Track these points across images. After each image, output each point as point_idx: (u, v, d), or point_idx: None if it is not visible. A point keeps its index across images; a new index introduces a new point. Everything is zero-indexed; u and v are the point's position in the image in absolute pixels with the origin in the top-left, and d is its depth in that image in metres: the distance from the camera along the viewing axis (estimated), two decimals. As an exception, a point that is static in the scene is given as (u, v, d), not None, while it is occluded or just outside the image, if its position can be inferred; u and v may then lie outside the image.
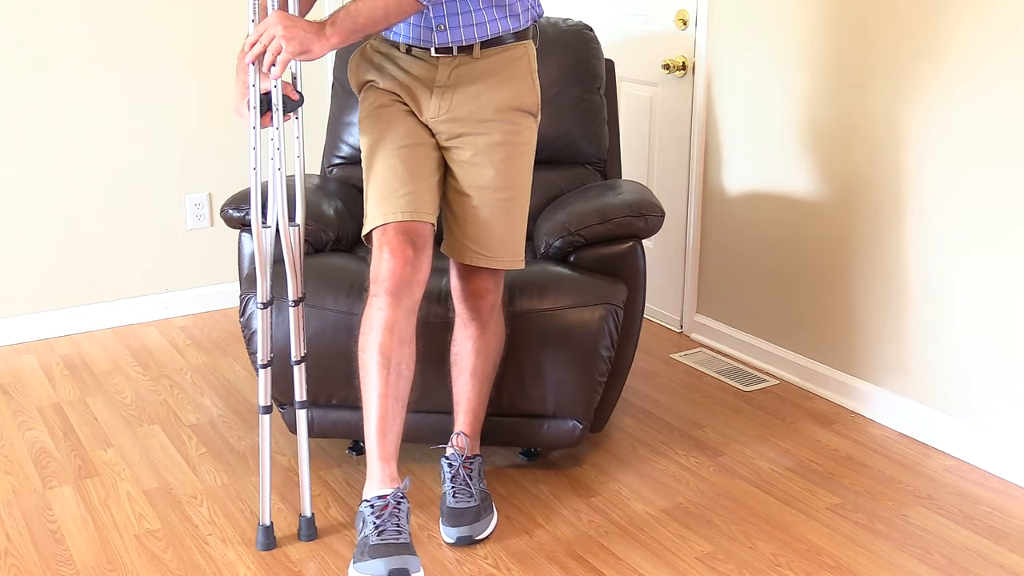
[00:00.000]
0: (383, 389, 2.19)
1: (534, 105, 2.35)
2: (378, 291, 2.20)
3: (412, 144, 2.28)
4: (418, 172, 2.27)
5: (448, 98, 2.29)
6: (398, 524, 2.15)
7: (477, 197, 2.30)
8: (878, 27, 2.82)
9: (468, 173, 2.30)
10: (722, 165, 3.40)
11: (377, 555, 2.10)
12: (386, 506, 2.17)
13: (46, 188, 3.54)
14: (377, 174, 2.27)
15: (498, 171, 2.30)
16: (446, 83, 2.29)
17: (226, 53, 3.72)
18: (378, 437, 2.21)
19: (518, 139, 2.33)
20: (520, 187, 2.35)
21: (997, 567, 2.30)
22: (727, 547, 2.37)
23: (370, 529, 2.14)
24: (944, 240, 2.75)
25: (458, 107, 2.29)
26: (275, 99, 2.15)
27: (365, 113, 2.34)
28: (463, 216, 2.32)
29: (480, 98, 2.28)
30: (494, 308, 2.38)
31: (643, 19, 3.59)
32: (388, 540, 2.12)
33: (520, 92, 2.32)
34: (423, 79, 2.30)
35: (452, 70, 2.28)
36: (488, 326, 2.39)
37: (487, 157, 2.29)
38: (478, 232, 2.31)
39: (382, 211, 2.22)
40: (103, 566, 2.29)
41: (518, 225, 2.36)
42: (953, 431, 2.79)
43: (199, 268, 3.86)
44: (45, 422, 2.98)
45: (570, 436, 2.60)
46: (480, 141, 2.29)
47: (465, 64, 2.28)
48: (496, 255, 2.32)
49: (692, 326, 3.62)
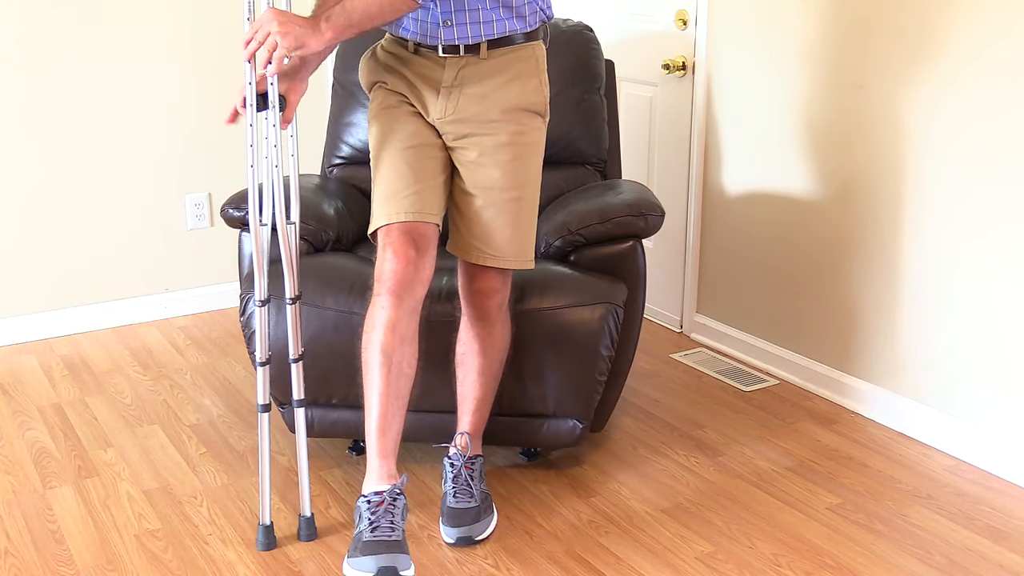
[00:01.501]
0: (384, 387, 2.20)
1: (542, 105, 2.35)
2: (381, 290, 2.21)
3: (418, 145, 2.29)
4: (423, 173, 2.28)
5: (454, 99, 2.29)
6: (392, 521, 2.15)
7: (483, 197, 2.30)
8: (878, 27, 2.82)
9: (474, 173, 2.31)
10: (722, 165, 3.40)
11: (368, 552, 2.10)
12: (382, 502, 2.17)
13: (46, 188, 3.54)
14: (383, 174, 2.28)
15: (504, 171, 2.30)
16: (452, 84, 2.29)
17: (226, 53, 3.73)
18: (378, 434, 2.21)
19: (525, 140, 2.33)
20: (527, 187, 2.35)
21: (997, 567, 2.30)
22: (727, 547, 2.37)
23: (364, 525, 2.15)
24: (943, 240, 2.75)
25: (464, 108, 2.29)
26: (271, 97, 2.15)
27: (373, 113, 2.35)
28: (469, 216, 2.32)
29: (486, 99, 2.29)
30: (501, 308, 2.38)
31: (643, 19, 3.59)
32: (380, 537, 2.12)
33: (527, 92, 2.31)
34: (430, 80, 2.30)
35: (459, 70, 2.28)
36: (495, 326, 2.39)
37: (493, 157, 2.30)
38: (484, 232, 2.31)
39: (386, 211, 2.24)
40: (103, 566, 2.29)
41: (526, 225, 2.35)
42: (953, 431, 2.79)
43: (199, 268, 3.86)
44: (45, 422, 2.98)
45: (570, 436, 2.60)
46: (486, 142, 2.30)
47: (472, 64, 2.28)
48: (502, 254, 2.32)
49: (692, 326, 3.62)
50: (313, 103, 3.72)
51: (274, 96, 2.15)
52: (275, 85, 2.14)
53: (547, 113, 2.37)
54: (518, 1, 2.28)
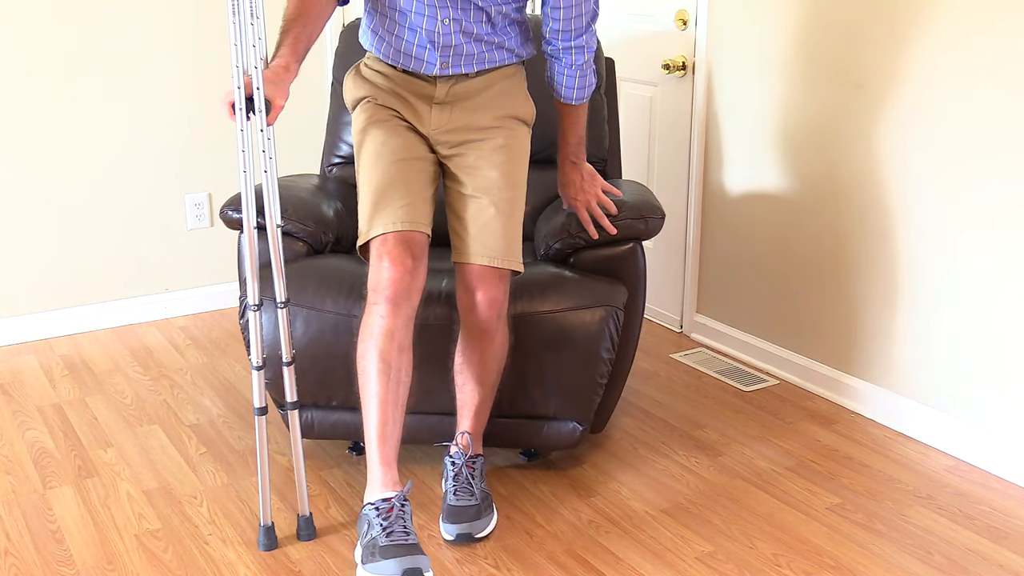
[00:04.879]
0: (383, 394, 2.21)
1: (529, 116, 2.50)
2: (378, 299, 2.23)
3: (408, 158, 2.36)
4: (414, 185, 2.34)
5: (447, 112, 2.40)
6: (404, 526, 2.16)
7: (484, 198, 2.35)
8: (878, 27, 2.82)
9: (473, 177, 2.37)
10: (722, 165, 3.40)
11: (389, 555, 2.10)
12: (391, 508, 2.17)
13: (46, 188, 3.54)
14: (375, 185, 2.32)
15: (501, 172, 2.37)
16: (444, 99, 2.40)
17: (227, 53, 3.73)
18: (379, 442, 2.22)
19: (516, 143, 2.43)
20: (520, 188, 2.42)
21: (997, 567, 2.30)
22: (727, 547, 2.37)
23: (377, 531, 2.14)
24: (943, 240, 2.75)
25: (458, 118, 2.40)
26: (257, 103, 2.14)
27: (361, 126, 2.41)
28: (470, 219, 2.35)
29: (478, 109, 2.41)
30: (501, 318, 2.39)
31: (643, 19, 3.59)
32: (398, 541, 2.12)
33: (516, 103, 2.47)
34: (421, 95, 2.41)
35: (449, 88, 2.40)
36: (495, 337, 2.40)
37: (490, 160, 2.37)
38: (488, 232, 2.34)
39: (381, 221, 2.28)
40: (103, 566, 2.29)
41: (519, 227, 2.40)
42: (953, 431, 2.79)
43: (199, 268, 3.86)
44: (45, 422, 2.98)
45: (570, 438, 2.60)
46: (484, 146, 2.39)
47: (461, 83, 2.41)
48: (502, 255, 2.34)
49: (692, 326, 3.62)
50: (313, 103, 3.73)
51: (260, 101, 2.15)
52: (261, 90, 2.14)
53: (532, 123, 2.51)
54: (518, 45, 2.45)
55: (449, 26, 2.33)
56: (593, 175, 2.62)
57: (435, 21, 2.32)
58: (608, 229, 2.56)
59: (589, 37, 2.46)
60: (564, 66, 2.48)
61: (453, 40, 2.34)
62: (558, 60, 2.48)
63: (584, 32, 2.44)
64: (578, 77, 2.50)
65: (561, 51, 2.46)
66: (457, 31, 2.34)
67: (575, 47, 2.45)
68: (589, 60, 2.50)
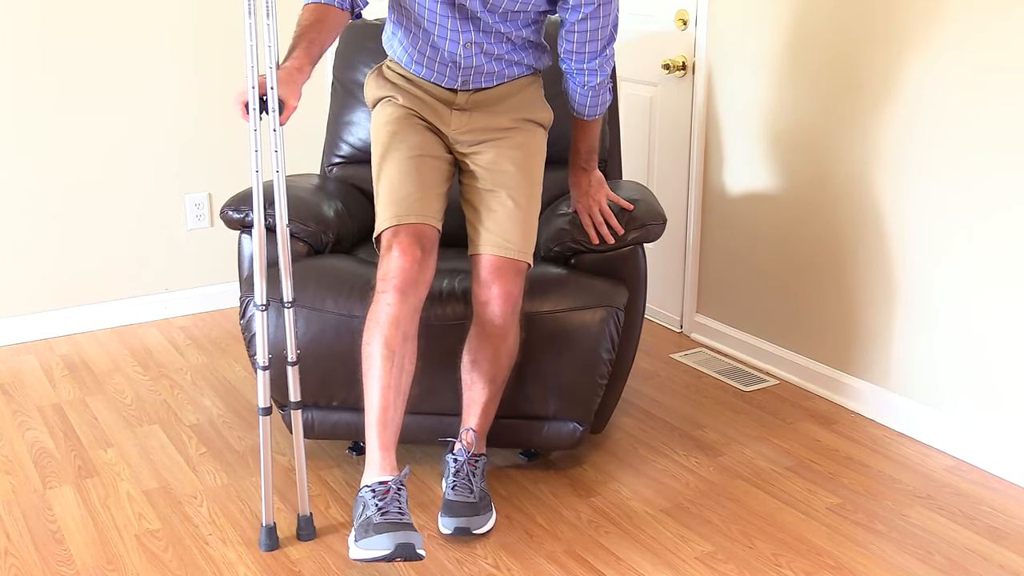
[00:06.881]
0: (386, 380, 2.23)
1: (546, 120, 2.58)
2: (386, 288, 2.26)
3: (425, 155, 2.43)
4: (428, 180, 2.41)
5: (467, 116, 2.49)
6: (400, 507, 2.16)
7: (502, 192, 2.41)
8: (878, 26, 2.82)
9: (491, 172, 2.44)
10: (722, 165, 3.40)
11: (382, 531, 2.10)
12: (388, 491, 2.18)
13: (46, 188, 3.54)
14: (391, 179, 2.39)
15: (518, 168, 2.44)
16: (464, 106, 2.49)
17: (227, 53, 3.73)
18: (379, 427, 2.23)
19: (534, 142, 2.52)
20: (537, 186, 2.49)
21: (997, 567, 2.30)
22: (727, 547, 2.37)
23: (372, 510, 2.15)
24: (943, 240, 2.75)
25: (478, 120, 2.49)
26: (271, 102, 2.15)
27: (381, 121, 2.48)
28: (487, 211, 2.41)
29: (498, 113, 2.50)
30: (515, 314, 2.40)
31: (643, 19, 3.59)
32: (392, 520, 2.12)
33: (534, 108, 2.55)
34: (442, 99, 2.49)
35: (469, 96, 2.49)
36: (509, 334, 2.40)
37: (508, 156, 2.45)
38: (503, 224, 2.38)
39: (394, 213, 2.33)
40: (103, 566, 2.30)
41: (535, 223, 2.45)
42: (953, 431, 2.79)
43: (199, 268, 3.86)
44: (45, 422, 2.98)
45: (570, 438, 2.60)
46: (502, 144, 2.47)
47: (480, 91, 2.51)
48: (518, 248, 2.38)
49: (692, 326, 3.62)
50: (313, 102, 3.73)
51: (274, 101, 2.15)
52: (275, 89, 2.14)
53: (549, 128, 2.60)
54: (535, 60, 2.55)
55: (471, 49, 2.41)
56: (601, 182, 2.66)
57: (457, 45, 2.41)
58: (606, 238, 2.58)
59: (603, 61, 2.51)
60: (577, 85, 2.54)
61: (475, 61, 2.43)
62: (572, 78, 2.54)
63: (598, 56, 2.49)
64: (590, 96, 2.56)
65: (574, 72, 2.52)
66: (479, 52, 2.43)
67: (588, 69, 2.50)
68: (603, 82, 2.54)
